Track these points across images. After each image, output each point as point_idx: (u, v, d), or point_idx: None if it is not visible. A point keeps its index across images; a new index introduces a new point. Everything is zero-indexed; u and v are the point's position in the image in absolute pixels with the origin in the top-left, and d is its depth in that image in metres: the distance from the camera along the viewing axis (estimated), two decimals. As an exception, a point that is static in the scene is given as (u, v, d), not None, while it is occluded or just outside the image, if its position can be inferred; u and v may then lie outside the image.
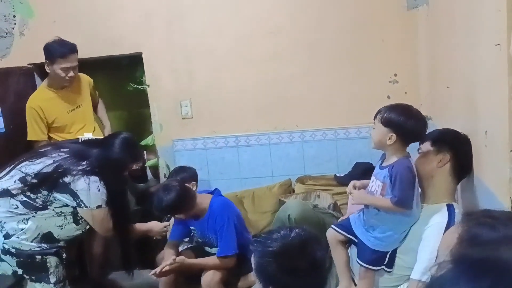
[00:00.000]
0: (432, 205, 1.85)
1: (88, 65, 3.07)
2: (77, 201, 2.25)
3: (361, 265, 1.92)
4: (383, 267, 1.90)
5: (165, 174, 3.23)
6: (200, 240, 2.63)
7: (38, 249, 2.28)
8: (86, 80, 3.08)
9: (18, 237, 2.23)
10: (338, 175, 3.03)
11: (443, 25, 2.51)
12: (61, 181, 2.22)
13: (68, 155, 2.27)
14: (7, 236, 2.22)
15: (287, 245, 1.29)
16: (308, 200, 2.87)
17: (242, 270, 2.51)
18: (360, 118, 3.03)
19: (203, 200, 2.53)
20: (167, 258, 2.45)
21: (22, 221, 2.22)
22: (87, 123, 3.02)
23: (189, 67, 3.10)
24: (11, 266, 2.28)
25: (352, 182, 2.05)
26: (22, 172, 2.24)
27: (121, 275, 3.50)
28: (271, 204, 2.99)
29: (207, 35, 3.07)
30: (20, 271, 2.29)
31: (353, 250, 2.06)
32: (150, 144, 3.38)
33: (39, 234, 2.27)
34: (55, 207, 2.27)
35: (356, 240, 1.98)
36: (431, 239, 1.74)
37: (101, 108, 3.25)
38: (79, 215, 2.31)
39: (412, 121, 1.85)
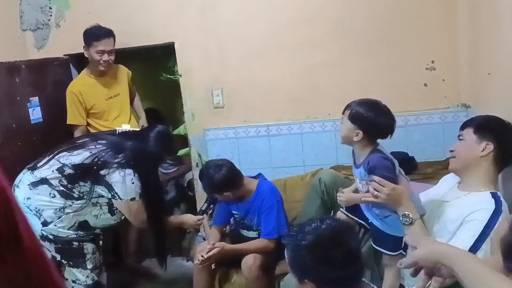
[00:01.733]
0: (476, 193, 1.78)
1: (122, 56, 3.11)
2: (112, 193, 2.30)
3: (379, 250, 1.93)
4: (401, 251, 1.89)
5: (197, 163, 3.25)
6: (241, 223, 2.64)
7: (75, 236, 2.35)
8: (124, 71, 3.16)
9: (55, 225, 2.31)
10: (372, 165, 2.97)
11: (485, 9, 2.41)
12: (98, 173, 2.27)
13: (105, 147, 2.32)
14: (45, 224, 2.30)
15: (320, 237, 1.27)
16: (340, 190, 2.85)
17: (280, 256, 2.50)
18: (396, 106, 2.88)
19: (250, 182, 2.55)
20: (211, 241, 2.46)
21: (59, 209, 2.29)
22: (123, 112, 3.09)
23: (221, 56, 3.09)
24: (49, 251, 2.36)
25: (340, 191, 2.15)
26: (60, 162, 2.31)
27: (155, 262, 3.59)
28: (302, 193, 2.95)
29: (240, 24, 3.05)
30: (58, 257, 2.36)
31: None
32: (182, 134, 3.41)
33: (75, 222, 2.35)
34: (91, 198, 2.33)
35: (367, 226, 2.00)
36: (476, 222, 1.66)
37: (137, 100, 3.34)
38: (114, 206, 2.36)
39: (381, 118, 1.88)
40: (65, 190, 2.29)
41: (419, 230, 1.73)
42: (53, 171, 2.29)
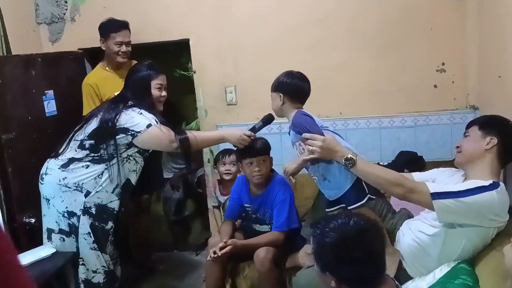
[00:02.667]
0: (482, 181, 1.86)
1: (136, 51, 3.14)
2: (130, 133, 2.40)
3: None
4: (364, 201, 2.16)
5: (208, 159, 3.29)
6: (253, 218, 2.68)
7: (117, 199, 2.52)
8: None
9: (97, 191, 2.45)
10: (381, 163, 3.02)
11: (495, 13, 2.47)
12: (110, 127, 2.39)
13: (106, 107, 2.48)
14: (87, 194, 2.44)
15: (343, 236, 1.29)
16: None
17: (291, 249, 2.56)
18: (406, 107, 3.01)
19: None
20: (224, 238, 2.49)
21: (98, 176, 2.44)
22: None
23: (235, 54, 3.14)
24: (83, 233, 2.46)
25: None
26: (77, 140, 2.46)
27: (162, 256, 3.63)
28: (313, 190, 3.01)
29: (253, 23, 3.10)
30: (92, 238, 2.48)
31: None
32: (194, 129, 3.44)
33: (117, 184, 2.47)
34: (120, 154, 2.44)
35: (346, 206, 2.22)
36: (467, 183, 1.85)
37: None
38: (145, 153, 2.51)
39: (295, 80, 2.33)
40: (95, 158, 2.44)
41: (365, 164, 1.98)
42: (76, 150, 2.45)
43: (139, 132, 2.37)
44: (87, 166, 2.44)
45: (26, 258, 2.39)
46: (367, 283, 1.32)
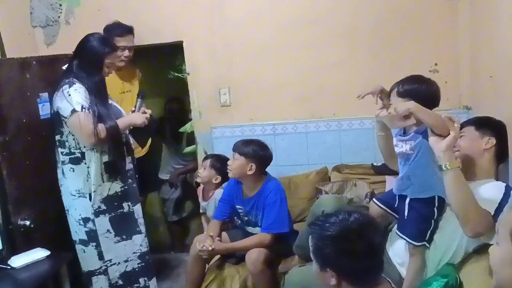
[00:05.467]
0: (480, 181, 1.89)
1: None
2: (62, 118, 2.41)
3: (402, 238, 1.92)
4: (425, 242, 1.88)
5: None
6: (245, 219, 2.69)
7: (120, 185, 2.56)
8: (137, 71, 3.28)
9: (95, 191, 2.49)
10: (375, 164, 3.04)
11: (487, 13, 2.48)
12: (52, 114, 2.48)
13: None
14: (90, 197, 2.49)
15: (346, 229, 1.32)
16: (345, 189, 2.90)
17: (286, 254, 2.57)
18: (399, 108, 3.01)
19: (259, 178, 2.63)
20: (207, 237, 2.53)
21: (87, 176, 2.48)
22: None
23: (228, 55, 3.15)
24: (103, 234, 2.53)
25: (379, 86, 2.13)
26: (56, 141, 2.53)
27: (157, 257, 3.64)
28: (307, 191, 3.03)
29: (247, 23, 3.11)
30: (113, 232, 2.55)
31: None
32: (189, 131, 3.46)
33: (101, 174, 2.50)
34: (84, 146, 2.45)
35: (397, 216, 2.03)
36: (488, 190, 1.80)
37: None
38: None
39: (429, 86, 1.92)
40: (70, 157, 2.49)
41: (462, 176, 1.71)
42: (58, 152, 2.54)
43: (65, 116, 2.39)
44: (73, 170, 2.50)
45: (21, 260, 2.41)
46: (367, 279, 1.34)
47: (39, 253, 2.47)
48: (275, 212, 2.53)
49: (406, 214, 1.93)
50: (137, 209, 2.70)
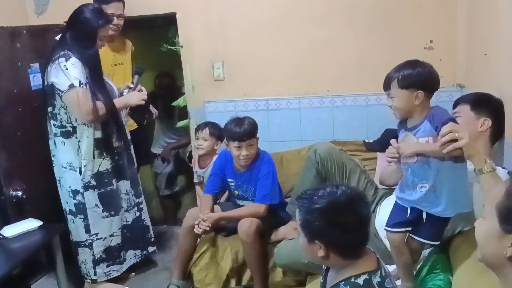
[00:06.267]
0: None
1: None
2: (57, 92, 2.40)
3: (420, 241, 1.76)
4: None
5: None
6: (237, 193, 2.71)
7: (109, 161, 2.60)
8: (129, 44, 3.24)
9: (85, 165, 2.53)
10: (367, 141, 3.06)
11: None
12: (45, 87, 2.45)
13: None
14: (80, 171, 2.52)
15: (334, 202, 1.33)
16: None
17: (276, 224, 2.61)
18: (392, 85, 3.01)
19: None
20: (203, 212, 2.55)
21: (78, 150, 2.50)
22: (125, 81, 3.10)
23: (222, 29, 3.11)
24: (91, 207, 2.57)
25: (393, 141, 1.81)
26: (47, 113, 2.54)
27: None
28: (299, 167, 3.02)
29: (243, -4, 3.07)
30: (101, 207, 2.60)
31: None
32: (182, 105, 3.44)
33: (93, 149, 2.53)
34: (76, 120, 2.46)
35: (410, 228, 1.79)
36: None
37: None
38: None
39: (433, 70, 1.74)
40: (61, 130, 2.50)
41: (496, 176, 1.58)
42: (49, 124, 2.55)
43: (61, 91, 2.37)
44: (64, 143, 2.52)
45: (13, 230, 2.42)
46: (354, 250, 1.36)
47: (31, 223, 2.48)
48: (269, 184, 2.57)
49: (424, 219, 1.72)
50: (121, 184, 2.73)
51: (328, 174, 2.47)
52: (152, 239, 3.01)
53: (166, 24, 3.41)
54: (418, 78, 1.69)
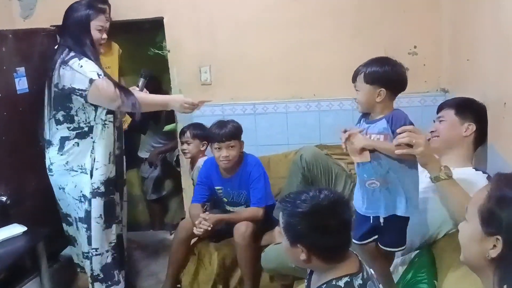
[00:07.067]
0: (459, 169, 1.88)
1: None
2: (79, 93, 2.33)
3: (386, 250, 1.77)
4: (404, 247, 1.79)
5: (182, 139, 3.29)
6: (226, 200, 2.71)
7: (114, 167, 2.50)
8: (116, 47, 3.24)
9: (97, 168, 2.43)
10: (354, 144, 3.08)
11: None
12: (58, 90, 2.35)
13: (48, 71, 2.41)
14: (91, 174, 2.43)
15: (317, 206, 1.33)
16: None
17: (267, 227, 2.61)
18: (378, 89, 3.04)
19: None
20: (195, 220, 2.54)
21: (91, 151, 2.42)
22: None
23: (209, 33, 3.12)
24: (96, 217, 2.45)
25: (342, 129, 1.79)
26: (51, 118, 2.44)
27: (136, 235, 3.65)
28: (286, 170, 3.03)
29: (230, 1, 3.08)
30: (103, 219, 2.47)
31: None
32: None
33: (110, 153, 2.46)
34: (94, 119, 2.41)
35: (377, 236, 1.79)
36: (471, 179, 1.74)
37: None
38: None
39: (396, 68, 1.74)
40: (77, 132, 2.42)
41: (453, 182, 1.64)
42: (57, 128, 2.45)
43: (84, 90, 2.31)
44: (78, 144, 2.43)
45: (-3, 235, 2.39)
46: (336, 253, 1.37)
47: (15, 229, 2.45)
48: (262, 186, 2.59)
49: (382, 224, 1.72)
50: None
51: (314, 178, 2.49)
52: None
53: (153, 28, 3.41)
54: (383, 76, 1.71)
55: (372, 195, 1.69)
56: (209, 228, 2.47)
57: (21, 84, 2.88)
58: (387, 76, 1.69)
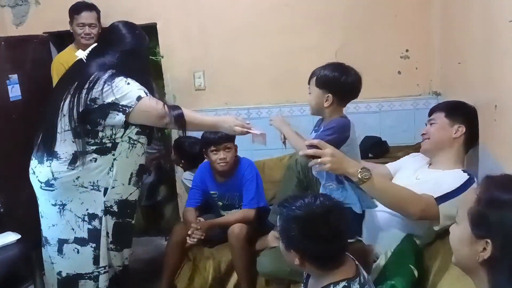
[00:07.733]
0: (448, 171, 1.89)
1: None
2: (121, 109, 2.11)
3: None
4: (357, 236, 1.91)
5: (177, 145, 3.29)
6: (221, 204, 2.71)
7: (136, 188, 2.32)
8: None
9: (113, 187, 2.23)
10: (346, 148, 3.09)
11: (457, 2, 2.52)
12: (94, 106, 2.12)
13: (76, 80, 2.16)
14: (105, 192, 2.23)
15: (310, 213, 1.33)
16: (316, 172, 2.95)
17: (261, 232, 2.60)
18: (370, 93, 3.03)
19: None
20: (189, 224, 2.53)
21: (110, 169, 2.21)
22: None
23: (203, 38, 3.14)
24: (103, 236, 2.27)
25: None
26: (67, 130, 2.16)
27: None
28: (280, 174, 3.04)
29: (222, 6, 3.10)
30: (110, 238, 2.29)
31: None
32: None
33: (131, 173, 2.27)
34: (121, 137, 2.21)
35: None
36: (446, 187, 1.76)
37: None
38: (147, 130, 2.26)
39: (350, 78, 1.87)
40: (98, 147, 2.18)
41: (381, 178, 1.72)
42: (73, 141, 2.16)
43: (129, 106, 2.12)
44: (95, 160, 2.20)
45: (-10, 244, 2.38)
46: (329, 261, 1.37)
47: (9, 237, 2.44)
48: (254, 187, 2.59)
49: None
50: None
51: (310, 182, 2.49)
52: None
53: (147, 34, 3.40)
54: (332, 82, 1.80)
55: (332, 195, 1.75)
56: (202, 237, 2.47)
57: (14, 91, 2.89)
58: (335, 82, 1.79)
